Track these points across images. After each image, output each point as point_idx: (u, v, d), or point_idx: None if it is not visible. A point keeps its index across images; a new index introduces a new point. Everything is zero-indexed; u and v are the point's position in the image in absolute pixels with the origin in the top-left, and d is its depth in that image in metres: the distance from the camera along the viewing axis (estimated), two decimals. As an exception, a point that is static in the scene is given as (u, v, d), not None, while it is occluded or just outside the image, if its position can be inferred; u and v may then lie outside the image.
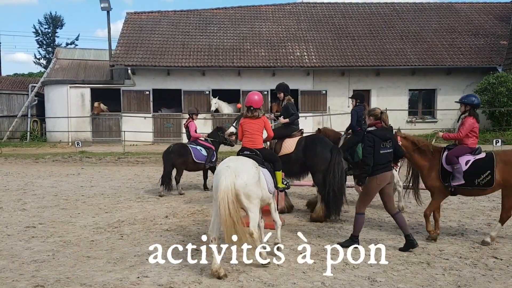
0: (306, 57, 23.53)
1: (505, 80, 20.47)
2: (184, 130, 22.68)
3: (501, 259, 5.85)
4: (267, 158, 6.21)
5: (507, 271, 5.43)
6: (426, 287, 4.98)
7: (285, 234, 7.21)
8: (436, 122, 23.81)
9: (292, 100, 8.85)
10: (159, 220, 8.23)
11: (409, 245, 6.20)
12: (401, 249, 6.24)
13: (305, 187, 10.98)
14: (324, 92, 23.70)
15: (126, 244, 6.72)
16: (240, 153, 6.22)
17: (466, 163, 6.50)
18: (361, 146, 6.27)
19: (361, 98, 9.18)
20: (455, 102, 6.75)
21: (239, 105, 23.10)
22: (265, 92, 23.44)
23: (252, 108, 6.36)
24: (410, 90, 24.20)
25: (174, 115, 23.40)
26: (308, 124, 22.70)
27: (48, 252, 6.30)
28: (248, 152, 6.12)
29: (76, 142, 19.46)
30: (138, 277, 5.30)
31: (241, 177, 5.32)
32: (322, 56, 23.61)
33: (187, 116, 23.61)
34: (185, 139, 22.41)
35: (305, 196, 10.47)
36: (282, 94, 8.80)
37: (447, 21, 26.64)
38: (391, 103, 23.18)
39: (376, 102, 23.76)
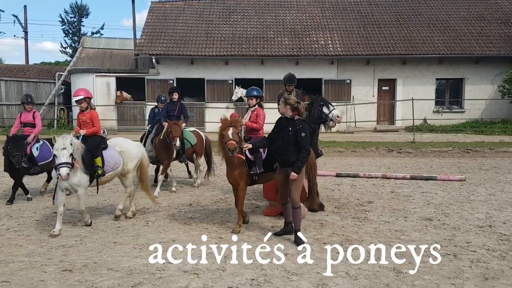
0: (330, 45, 23.25)
1: (535, 69, 19.86)
2: (207, 118, 22.95)
3: (532, 253, 5.70)
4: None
5: (537, 264, 5.29)
6: (453, 279, 4.90)
7: (309, 224, 7.20)
8: (464, 112, 23.31)
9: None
10: (183, 208, 8.31)
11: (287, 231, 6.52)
12: (276, 234, 6.52)
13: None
14: (348, 81, 23.42)
15: (151, 230, 6.81)
16: None
17: (264, 151, 6.87)
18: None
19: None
20: (244, 96, 7.30)
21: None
22: (289, 81, 23.29)
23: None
24: (437, 79, 23.71)
25: (197, 104, 23.50)
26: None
27: (76, 238, 6.44)
28: None
29: (102, 131, 19.74)
30: (164, 263, 5.37)
31: None
32: (347, 44, 23.29)
33: (210, 105, 23.70)
34: (208, 128, 22.69)
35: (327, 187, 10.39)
36: (292, 86, 8.49)
37: (476, 9, 25.91)
38: (417, 92, 22.78)
39: (402, 91, 23.38)
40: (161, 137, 9.57)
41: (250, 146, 6.46)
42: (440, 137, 19.14)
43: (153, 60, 22.66)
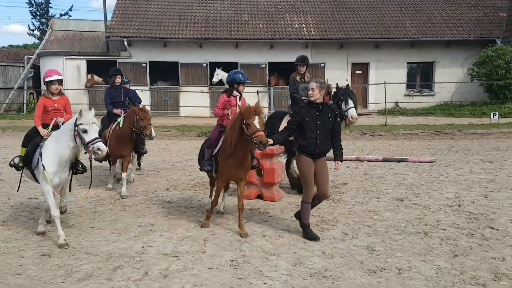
0: (304, 29, 23.28)
1: (503, 53, 20.43)
2: (182, 103, 22.79)
3: (497, 230, 5.98)
4: None
5: (503, 241, 5.57)
6: (424, 256, 5.11)
7: (286, 206, 7.34)
8: (434, 95, 23.82)
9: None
10: (160, 192, 8.32)
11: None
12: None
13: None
14: (322, 65, 23.56)
15: (129, 215, 6.81)
16: None
17: None
18: None
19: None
20: (238, 82, 6.22)
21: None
22: (263, 65, 23.32)
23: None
24: (408, 63, 24.11)
25: (171, 88, 23.27)
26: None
27: (52, 223, 6.38)
28: None
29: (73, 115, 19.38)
30: (143, 247, 5.41)
31: None
32: (321, 28, 23.37)
33: (185, 89, 23.47)
34: (183, 113, 22.55)
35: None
36: (305, 68, 8.17)
37: (447, -8, 26.31)
38: (390, 76, 23.11)
39: (374, 75, 23.69)
40: (118, 129, 8.11)
41: (271, 141, 5.55)
42: (411, 120, 19.56)
43: (125, 42, 22.23)
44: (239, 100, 6.37)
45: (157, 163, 11.38)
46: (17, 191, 6.69)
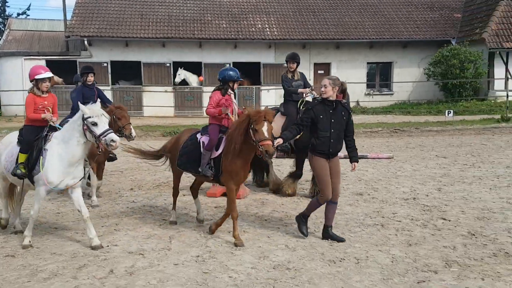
0: (267, 29, 23.53)
1: (458, 53, 21.25)
2: (145, 103, 22.56)
3: (449, 220, 6.34)
4: (21, 134, 5.77)
5: (454, 230, 5.92)
6: (380, 246, 5.39)
7: (250, 203, 7.51)
8: (393, 94, 24.56)
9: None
10: (124, 192, 8.32)
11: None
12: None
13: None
14: (285, 65, 23.81)
15: (93, 215, 6.76)
16: None
17: None
18: None
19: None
20: (234, 81, 6.01)
21: (201, 78, 22.99)
22: (227, 65, 23.37)
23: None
24: (368, 63, 24.75)
25: (134, 87, 23.02)
26: (270, 97, 22.95)
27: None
28: None
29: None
30: (108, 246, 5.44)
31: None
32: (283, 28, 23.69)
33: (148, 88, 23.24)
34: (147, 112, 22.34)
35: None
36: (295, 65, 8.14)
37: (404, -6, 27.15)
38: (350, 76, 23.60)
39: (336, 75, 23.91)
40: None
41: (281, 141, 5.39)
42: (371, 118, 20.14)
43: (85, 42, 21.83)
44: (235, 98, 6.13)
45: (120, 163, 11.30)
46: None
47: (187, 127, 13.12)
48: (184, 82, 22.85)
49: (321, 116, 5.38)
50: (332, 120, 5.39)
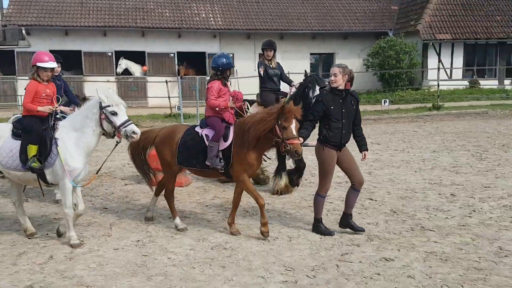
0: (212, 19, 23.57)
1: (394, 44, 22.27)
2: (86, 93, 22.01)
3: (376, 200, 6.88)
4: (22, 127, 5.24)
5: (378, 209, 6.44)
6: (311, 225, 5.78)
7: (193, 190, 7.74)
8: (335, 84, 25.37)
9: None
10: (65, 182, 8.28)
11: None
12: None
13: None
14: (231, 55, 23.99)
15: (32, 206, 6.77)
16: None
17: None
18: None
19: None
20: (230, 68, 5.73)
21: (145, 68, 22.73)
22: (171, 54, 23.27)
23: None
24: (311, 54, 25.41)
25: (75, 77, 22.41)
26: (215, 86, 23.04)
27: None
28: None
29: None
30: (47, 234, 5.50)
31: None
32: (228, 18, 23.81)
33: (89, 78, 22.67)
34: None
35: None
36: (272, 52, 7.65)
37: (344, -14, 27.96)
38: (295, 66, 24.07)
39: (281, 65, 24.62)
40: None
41: (302, 140, 5.18)
42: (314, 107, 20.77)
43: (23, 31, 21.00)
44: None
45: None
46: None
47: (132, 117, 13.01)
48: (127, 72, 22.49)
49: (332, 107, 5.18)
50: (343, 110, 5.22)
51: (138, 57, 22.81)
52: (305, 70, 7.31)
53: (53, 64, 5.25)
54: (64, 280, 4.27)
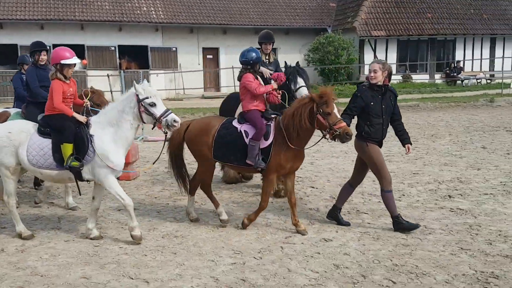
0: (153, 12, 23.35)
1: (333, 40, 23.17)
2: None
3: (317, 188, 7.36)
4: (52, 125, 5.09)
5: (319, 196, 6.91)
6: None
7: (141, 183, 7.84)
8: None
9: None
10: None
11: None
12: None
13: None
14: (174, 49, 23.96)
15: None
16: None
17: None
18: None
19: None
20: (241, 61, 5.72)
21: (84, 61, 22.17)
22: (112, 48, 22.85)
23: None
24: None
25: (12, 72, 21.45)
26: (160, 81, 22.91)
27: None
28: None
29: None
30: (-5, 229, 5.49)
31: None
32: (170, 12, 23.68)
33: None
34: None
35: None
36: (271, 46, 7.06)
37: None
38: (238, 61, 24.48)
39: (225, 59, 24.88)
40: None
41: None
42: (257, 101, 21.22)
43: (-50, 21, 19.84)
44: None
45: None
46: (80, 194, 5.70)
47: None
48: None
49: (372, 103, 5.12)
50: (383, 106, 5.17)
51: (77, 50, 22.15)
52: (285, 62, 7.15)
53: (77, 60, 5.18)
54: (17, 271, 4.35)
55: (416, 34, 24.96)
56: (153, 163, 5.66)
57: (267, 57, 6.96)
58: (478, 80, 25.67)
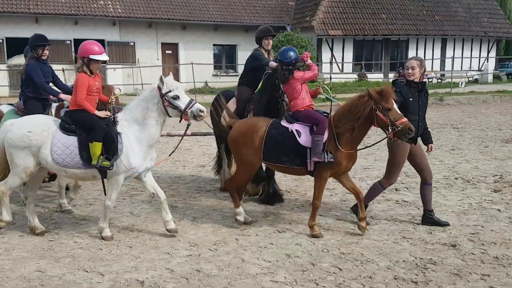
0: (110, 6, 22.97)
1: (292, 38, 23.54)
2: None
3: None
4: (78, 123, 4.94)
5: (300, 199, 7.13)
6: (215, 206, 6.28)
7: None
8: (238, 75, 26.10)
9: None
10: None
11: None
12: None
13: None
14: (132, 43, 23.67)
15: None
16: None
17: None
18: None
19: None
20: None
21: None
22: (68, 42, 22.33)
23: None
24: (214, 45, 25.87)
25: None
26: (117, 76, 22.61)
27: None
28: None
29: None
30: None
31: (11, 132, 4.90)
32: (128, 6, 23.37)
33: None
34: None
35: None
36: (272, 41, 6.69)
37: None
38: (198, 57, 24.50)
39: (184, 55, 24.81)
40: None
41: None
42: (217, 97, 21.30)
43: None
44: None
45: None
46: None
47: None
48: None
49: (411, 99, 5.08)
50: (420, 103, 5.15)
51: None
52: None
53: (105, 56, 5.04)
54: (-31, 266, 4.32)
55: (371, 34, 25.75)
56: (170, 155, 5.69)
57: (267, 54, 6.63)
58: (429, 80, 26.75)
